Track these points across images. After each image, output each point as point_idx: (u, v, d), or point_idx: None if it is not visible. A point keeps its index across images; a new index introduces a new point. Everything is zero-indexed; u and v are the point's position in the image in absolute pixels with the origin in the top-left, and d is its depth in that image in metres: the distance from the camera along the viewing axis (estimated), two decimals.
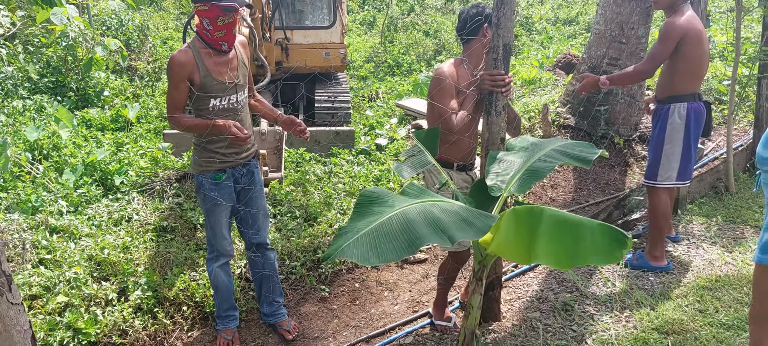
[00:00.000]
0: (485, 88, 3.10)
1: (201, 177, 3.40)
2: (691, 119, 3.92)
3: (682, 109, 3.92)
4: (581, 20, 13.10)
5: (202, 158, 3.39)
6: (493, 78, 3.05)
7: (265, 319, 3.93)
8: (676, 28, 3.80)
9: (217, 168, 3.39)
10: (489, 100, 3.12)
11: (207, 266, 3.69)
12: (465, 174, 3.46)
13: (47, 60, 8.06)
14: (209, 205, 3.44)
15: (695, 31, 3.82)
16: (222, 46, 3.23)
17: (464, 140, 3.28)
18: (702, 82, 4.02)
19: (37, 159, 5.67)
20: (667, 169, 4.02)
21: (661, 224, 4.09)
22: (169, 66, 3.20)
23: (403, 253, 2.37)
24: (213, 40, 3.20)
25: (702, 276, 4.02)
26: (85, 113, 7.14)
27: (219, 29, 3.16)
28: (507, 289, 4.14)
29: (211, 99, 3.26)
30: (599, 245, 2.58)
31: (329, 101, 7.22)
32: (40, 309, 3.65)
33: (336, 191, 5.43)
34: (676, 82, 3.93)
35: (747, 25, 8.52)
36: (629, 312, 3.65)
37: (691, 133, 3.95)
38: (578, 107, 6.65)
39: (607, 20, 6.34)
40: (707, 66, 4.01)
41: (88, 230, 4.51)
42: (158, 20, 12.15)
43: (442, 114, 3.22)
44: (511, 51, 3.07)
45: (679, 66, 3.89)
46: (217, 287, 3.70)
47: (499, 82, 3.04)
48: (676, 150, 3.98)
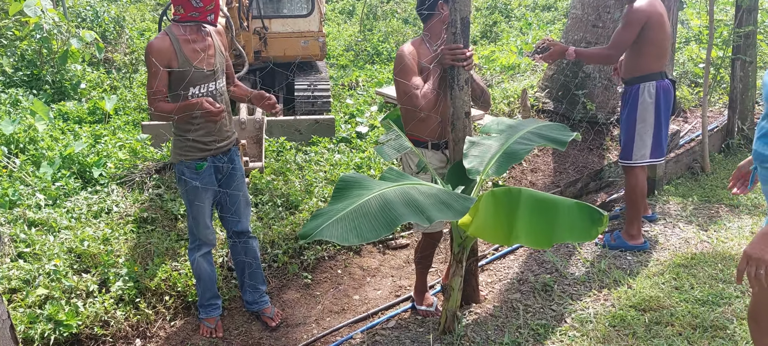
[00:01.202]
0: (446, 63, 3.14)
1: (181, 166, 3.39)
2: (660, 97, 4.01)
3: (652, 87, 4.01)
4: (560, 6, 13.17)
5: (182, 147, 3.37)
6: (452, 52, 3.10)
7: (248, 307, 3.94)
8: (639, 13, 3.89)
9: (198, 156, 3.38)
10: (451, 74, 3.17)
11: (189, 255, 3.69)
12: (440, 153, 3.46)
13: (21, 53, 7.92)
14: (191, 194, 3.43)
15: (657, 14, 3.91)
16: (209, 18, 3.23)
17: (433, 117, 3.32)
18: (666, 61, 4.10)
19: (13, 153, 5.59)
20: (641, 147, 4.10)
21: (638, 202, 4.16)
22: (147, 54, 3.16)
23: (381, 231, 2.40)
24: (203, 12, 3.18)
25: (678, 254, 4.10)
26: (62, 106, 7.04)
27: (209, 2, 3.17)
28: (487, 272, 4.19)
29: (191, 87, 3.24)
30: (576, 224, 2.63)
31: (309, 90, 7.20)
32: (20, 302, 3.62)
33: (317, 179, 5.43)
34: (642, 64, 4.02)
35: (721, 8, 8.62)
36: (607, 291, 3.71)
37: (662, 110, 4.03)
38: (557, 92, 6.70)
39: (583, 5, 6.40)
40: (670, 45, 4.10)
41: (67, 222, 4.47)
42: (135, 12, 11.98)
43: (407, 91, 3.27)
44: (469, 25, 3.13)
45: (644, 49, 3.98)
46: (200, 277, 3.69)
47: (459, 56, 3.09)
48: (648, 129, 4.06)
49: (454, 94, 3.20)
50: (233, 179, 3.58)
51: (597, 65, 6.44)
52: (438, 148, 3.47)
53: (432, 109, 3.29)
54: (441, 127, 3.37)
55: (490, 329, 3.41)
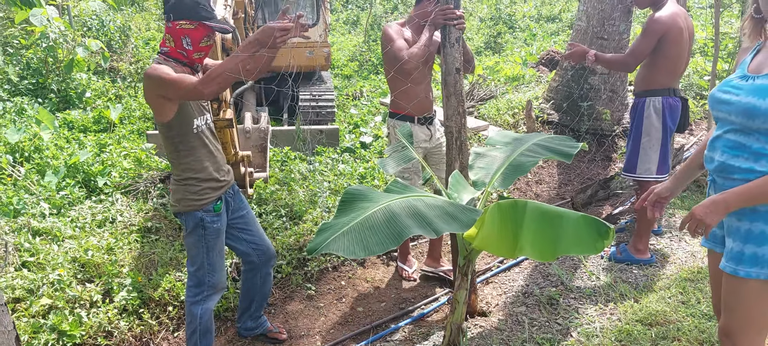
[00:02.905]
0: (438, 22, 3.37)
1: (199, 213, 3.05)
2: (666, 113, 3.98)
3: (657, 102, 3.99)
4: (564, 17, 13.20)
5: (196, 193, 3.03)
6: (444, 12, 3.32)
7: (248, 333, 3.73)
8: (658, 23, 3.85)
9: (215, 197, 3.10)
10: (443, 33, 3.38)
11: (192, 308, 3.19)
12: (426, 128, 3.69)
13: (27, 62, 7.96)
14: (210, 240, 3.11)
15: (677, 28, 3.85)
16: (196, 67, 3.01)
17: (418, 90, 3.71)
18: (679, 78, 4.07)
19: (18, 161, 5.61)
20: (645, 161, 4.08)
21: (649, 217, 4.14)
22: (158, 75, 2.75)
23: (388, 245, 2.39)
24: (189, 59, 2.94)
25: (684, 268, 4.07)
26: (67, 115, 7.07)
27: (199, 50, 2.92)
28: (492, 285, 4.17)
29: (194, 120, 3.00)
30: (582, 237, 2.61)
31: (313, 100, 7.22)
32: (24, 312, 3.61)
33: (321, 189, 5.43)
34: (653, 77, 4.00)
35: (726, 21, 8.64)
36: (613, 305, 3.69)
37: (667, 125, 4.01)
38: (562, 103, 6.70)
39: (588, 16, 6.40)
40: (686, 63, 4.06)
41: (72, 232, 4.47)
42: (140, 21, 12.05)
43: (395, 54, 3.65)
44: None
45: (658, 62, 3.95)
46: (208, 331, 3.27)
47: (450, 15, 3.31)
48: (653, 143, 4.04)
49: (446, 52, 3.37)
50: (242, 206, 3.38)
51: (603, 79, 6.44)
52: (424, 122, 3.81)
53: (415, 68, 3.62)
54: (428, 102, 3.66)
55: (495, 342, 3.39)
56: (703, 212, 2.14)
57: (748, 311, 2.21)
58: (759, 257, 2.14)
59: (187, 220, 3.08)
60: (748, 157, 2.15)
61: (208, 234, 3.09)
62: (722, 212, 2.13)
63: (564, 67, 6.87)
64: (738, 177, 2.18)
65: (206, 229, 3.08)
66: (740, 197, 2.11)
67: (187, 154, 2.99)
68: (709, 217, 2.12)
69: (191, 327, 3.22)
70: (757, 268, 2.14)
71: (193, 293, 3.19)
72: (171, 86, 2.75)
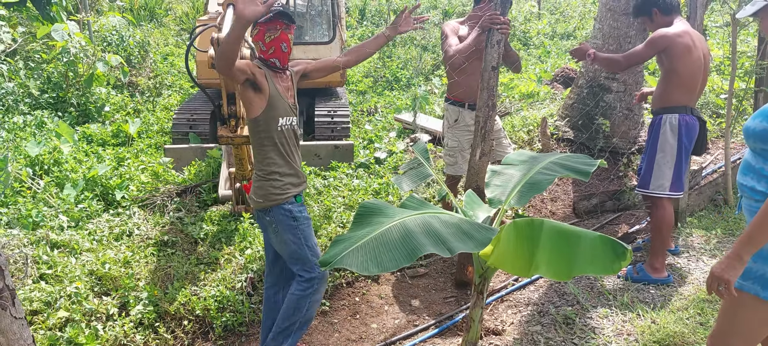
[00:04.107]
0: (485, 25, 3.90)
1: (287, 206, 3.22)
2: (682, 131, 3.97)
3: (674, 119, 3.98)
4: (578, 35, 13.18)
5: (280, 188, 3.22)
6: (491, 18, 3.86)
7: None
8: (661, 37, 3.91)
9: (297, 192, 3.28)
10: (488, 36, 3.89)
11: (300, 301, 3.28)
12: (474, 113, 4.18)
13: (48, 76, 8.09)
14: (306, 228, 3.27)
15: (683, 45, 3.87)
16: (275, 64, 3.23)
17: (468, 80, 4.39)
18: (696, 96, 4.06)
19: (38, 174, 5.69)
20: (659, 177, 4.06)
21: (664, 234, 4.11)
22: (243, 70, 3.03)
23: (402, 262, 2.38)
24: (267, 59, 3.22)
25: (702, 289, 4.02)
26: (86, 129, 7.16)
27: (269, 46, 3.19)
28: (508, 302, 4.14)
29: (279, 118, 3.21)
30: (598, 257, 2.59)
31: (329, 116, 7.25)
32: (41, 324, 3.65)
33: (335, 204, 5.44)
34: (667, 95, 4.01)
35: (743, 40, 8.58)
36: (631, 325, 3.65)
37: (683, 143, 3.99)
38: (577, 121, 6.68)
39: (604, 35, 6.39)
40: (702, 81, 4.05)
41: (89, 244, 4.52)
42: (159, 36, 12.20)
43: (447, 51, 4.47)
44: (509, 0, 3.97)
45: (671, 79, 3.97)
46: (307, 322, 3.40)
47: (495, 20, 3.83)
48: (668, 160, 4.02)
49: (487, 51, 3.88)
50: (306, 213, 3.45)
51: (619, 96, 6.42)
52: (472, 108, 4.46)
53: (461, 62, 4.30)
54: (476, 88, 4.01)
55: None
56: (720, 270, 2.23)
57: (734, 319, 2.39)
58: (747, 270, 2.30)
59: (275, 215, 3.22)
60: (752, 177, 2.34)
61: (300, 223, 3.24)
62: (738, 265, 2.22)
63: (579, 85, 6.85)
64: (745, 195, 2.37)
65: (297, 218, 3.23)
66: (746, 245, 2.22)
67: (272, 149, 3.21)
68: (727, 272, 2.22)
69: (291, 319, 3.31)
70: (744, 281, 2.33)
71: (303, 288, 3.30)
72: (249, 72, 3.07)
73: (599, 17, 6.56)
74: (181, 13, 13.86)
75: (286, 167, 3.25)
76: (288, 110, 3.25)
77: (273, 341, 3.36)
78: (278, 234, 3.25)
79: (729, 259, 2.22)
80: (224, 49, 2.89)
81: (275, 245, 3.33)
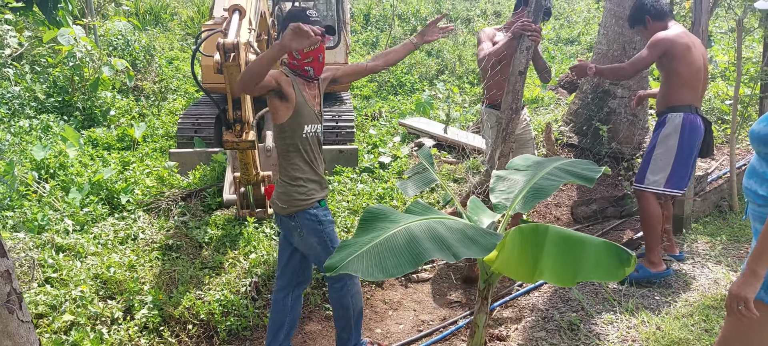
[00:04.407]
0: (516, 32, 4.10)
1: (312, 210, 3.26)
2: (685, 129, 3.99)
3: (677, 118, 4.02)
4: (583, 40, 13.18)
5: (306, 193, 3.26)
6: (523, 24, 4.04)
7: None
8: (662, 39, 3.98)
9: (321, 196, 3.34)
10: (519, 41, 4.07)
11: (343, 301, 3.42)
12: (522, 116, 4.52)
13: (54, 80, 8.13)
14: (331, 232, 3.31)
15: (682, 45, 3.95)
16: (309, 72, 3.24)
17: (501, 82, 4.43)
18: (699, 95, 4.09)
19: (43, 178, 5.71)
20: (656, 172, 4.08)
21: (653, 227, 4.13)
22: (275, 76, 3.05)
23: (407, 267, 2.38)
24: (300, 66, 3.21)
25: (707, 295, 4.01)
26: (92, 132, 7.19)
27: (306, 56, 3.17)
28: (512, 308, 4.14)
29: (305, 126, 3.23)
30: (602, 263, 2.59)
31: (333, 120, 7.27)
32: (46, 328, 3.66)
33: (340, 208, 5.45)
34: (671, 95, 4.07)
35: (748, 45, 8.57)
36: (636, 331, 3.64)
37: (685, 142, 4.00)
38: (581, 126, 6.68)
39: (609, 40, 6.40)
40: (703, 79, 4.09)
41: (94, 248, 4.53)
42: (164, 41, 12.26)
43: (478, 55, 4.58)
44: (541, 7, 4.08)
45: (672, 80, 4.03)
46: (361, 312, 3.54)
47: (527, 27, 4.01)
48: (667, 155, 4.04)
49: (516, 56, 4.09)
50: None
51: (623, 102, 6.41)
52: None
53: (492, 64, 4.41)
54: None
55: None
56: (737, 288, 2.25)
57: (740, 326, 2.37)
58: None
59: (300, 220, 3.25)
60: (756, 181, 2.37)
61: (325, 227, 3.28)
62: (755, 281, 2.23)
63: (584, 91, 6.86)
64: (750, 199, 2.40)
65: (322, 222, 3.27)
66: (758, 260, 2.23)
67: (297, 156, 3.25)
68: (744, 290, 2.23)
69: (345, 319, 3.47)
70: None
71: (338, 288, 3.40)
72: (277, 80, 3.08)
73: (604, 23, 6.57)
74: (186, 17, 13.92)
75: (311, 173, 3.28)
76: (314, 118, 3.28)
77: (340, 341, 3.55)
78: (303, 238, 3.29)
79: (744, 276, 2.23)
80: (255, 69, 2.89)
81: (301, 248, 3.38)
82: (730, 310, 2.30)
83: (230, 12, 4.64)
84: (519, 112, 4.12)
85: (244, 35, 4.53)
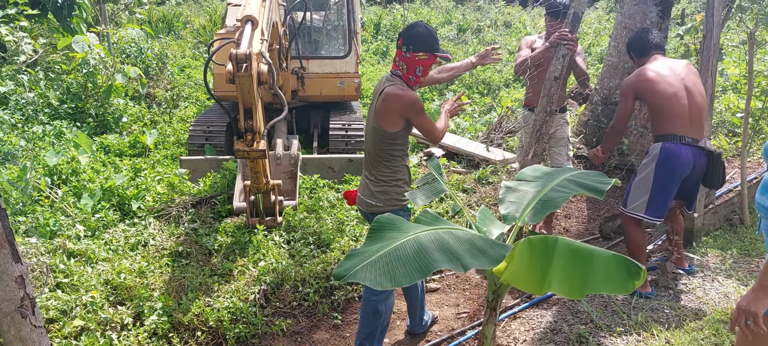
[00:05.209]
0: (553, 42, 4.37)
1: (400, 212, 3.51)
2: (663, 160, 4.00)
3: (656, 148, 4.10)
4: (593, 52, 13.16)
5: (401, 193, 3.53)
6: (560, 34, 4.28)
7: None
8: (626, 86, 4.17)
9: (408, 199, 3.53)
10: (556, 49, 4.29)
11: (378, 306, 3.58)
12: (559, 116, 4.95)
13: (67, 86, 8.21)
14: None
15: (644, 81, 4.07)
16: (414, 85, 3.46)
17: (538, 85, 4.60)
18: (691, 121, 4.05)
19: (56, 184, 5.76)
20: (635, 199, 4.17)
21: (635, 253, 4.16)
22: (413, 101, 3.32)
23: (415, 277, 2.39)
24: (417, 84, 3.44)
25: (717, 309, 3.99)
26: (104, 139, 7.25)
27: (425, 75, 3.45)
28: (521, 320, 4.13)
29: (408, 134, 3.51)
30: (612, 276, 2.58)
31: (343, 129, 7.30)
32: (56, 333, 3.69)
33: (349, 217, 5.46)
34: (655, 126, 4.17)
35: (759, 58, 8.54)
36: (645, 345, 3.62)
37: (660, 172, 4.01)
38: (591, 137, 6.67)
39: (619, 52, 6.39)
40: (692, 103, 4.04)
41: (105, 254, 4.57)
42: (176, 48, 12.36)
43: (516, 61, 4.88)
44: (579, 19, 4.30)
45: (652, 112, 4.15)
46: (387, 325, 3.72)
47: (563, 36, 4.25)
48: (644, 184, 4.12)
49: (552, 63, 4.31)
50: None
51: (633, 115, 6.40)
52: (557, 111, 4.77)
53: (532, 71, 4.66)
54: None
55: None
56: (746, 303, 2.26)
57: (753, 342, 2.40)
58: None
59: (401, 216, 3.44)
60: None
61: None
62: (765, 296, 2.23)
63: (594, 102, 6.85)
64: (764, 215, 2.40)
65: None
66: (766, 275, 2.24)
67: (401, 160, 3.50)
68: (754, 305, 2.24)
69: (373, 325, 3.58)
70: None
71: (376, 292, 3.53)
72: (420, 117, 3.37)
73: (614, 35, 6.57)
74: (199, 26, 14.04)
75: (407, 176, 3.57)
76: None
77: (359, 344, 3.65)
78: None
79: (754, 291, 2.22)
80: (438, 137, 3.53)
81: None
82: (736, 324, 2.29)
83: (243, 22, 4.68)
84: (553, 115, 4.41)
85: (257, 46, 4.57)
